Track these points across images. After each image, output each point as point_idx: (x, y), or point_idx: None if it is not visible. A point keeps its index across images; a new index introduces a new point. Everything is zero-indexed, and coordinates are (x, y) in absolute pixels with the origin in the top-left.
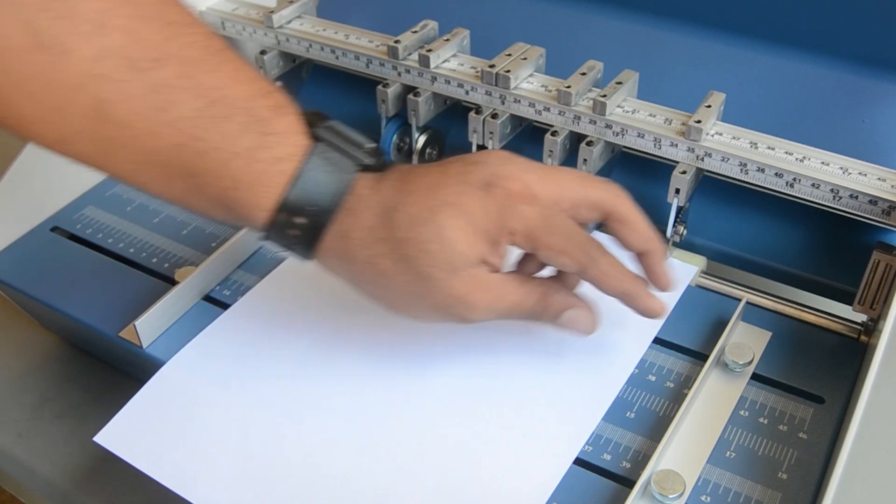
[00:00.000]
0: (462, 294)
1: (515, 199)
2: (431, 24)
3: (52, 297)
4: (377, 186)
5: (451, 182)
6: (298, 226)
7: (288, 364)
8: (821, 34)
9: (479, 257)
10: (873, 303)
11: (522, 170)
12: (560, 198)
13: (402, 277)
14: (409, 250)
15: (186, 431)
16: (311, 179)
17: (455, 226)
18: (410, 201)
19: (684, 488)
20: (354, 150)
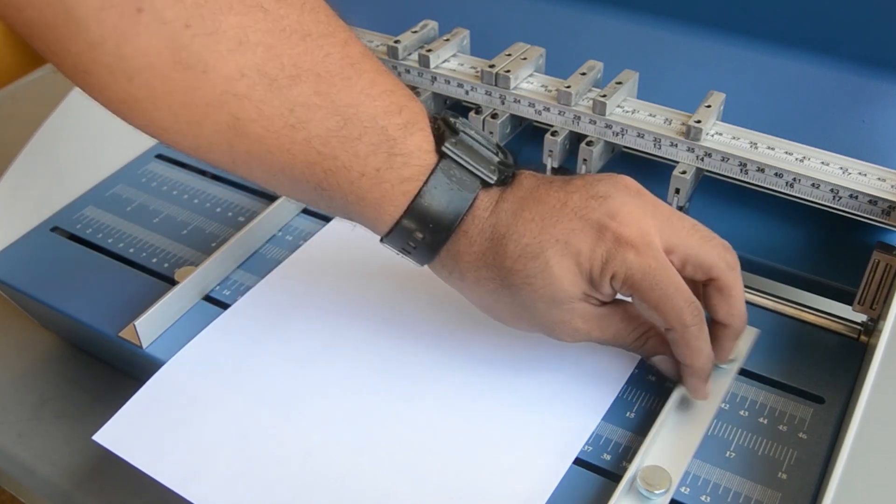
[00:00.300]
0: (563, 321)
1: (625, 245)
2: (431, 24)
3: (52, 297)
4: (495, 208)
5: (567, 217)
6: (416, 240)
7: (287, 364)
8: (821, 34)
9: (580, 295)
10: (873, 303)
11: (643, 214)
12: (674, 249)
13: (507, 301)
14: (514, 279)
15: (186, 431)
16: (432, 198)
17: (561, 264)
18: (523, 230)
19: (670, 484)
20: (480, 167)
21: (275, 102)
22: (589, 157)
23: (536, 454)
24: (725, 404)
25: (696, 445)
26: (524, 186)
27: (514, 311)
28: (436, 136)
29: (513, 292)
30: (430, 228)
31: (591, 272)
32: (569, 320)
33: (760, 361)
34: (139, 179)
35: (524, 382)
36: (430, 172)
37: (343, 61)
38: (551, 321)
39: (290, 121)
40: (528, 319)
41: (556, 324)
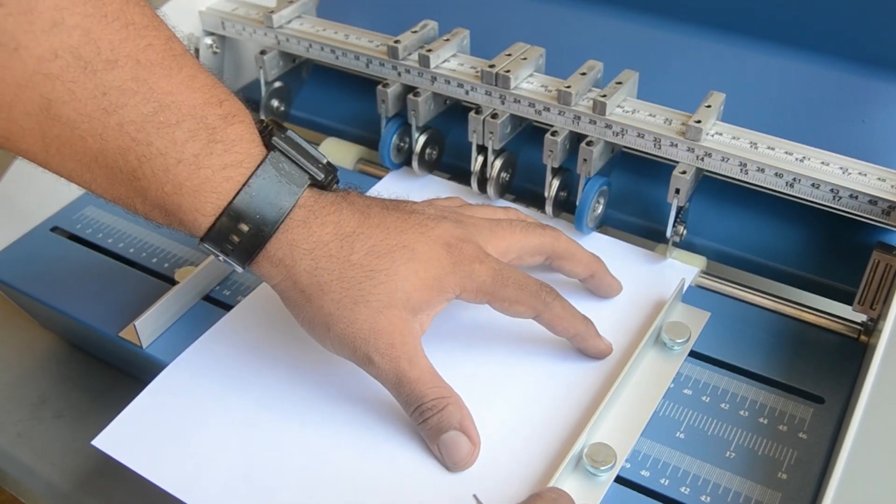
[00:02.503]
0: (382, 331)
1: (470, 259)
2: (431, 24)
3: (52, 297)
4: (333, 208)
5: (412, 231)
6: (241, 233)
7: (288, 368)
8: (821, 34)
9: (418, 304)
10: (873, 303)
11: (474, 232)
12: (507, 250)
13: (335, 295)
14: (355, 273)
15: (186, 435)
16: (260, 187)
17: (410, 267)
18: (372, 233)
19: (615, 461)
20: (309, 163)
21: (88, 85)
22: (589, 157)
23: (533, 455)
24: (726, 404)
25: (643, 423)
26: (356, 199)
27: (335, 312)
28: (262, 131)
29: (348, 286)
30: (258, 219)
31: (440, 280)
32: (389, 332)
33: (761, 361)
34: None
35: (520, 383)
36: (259, 163)
37: (165, 53)
38: (370, 329)
39: (102, 104)
40: (347, 324)
41: (373, 335)
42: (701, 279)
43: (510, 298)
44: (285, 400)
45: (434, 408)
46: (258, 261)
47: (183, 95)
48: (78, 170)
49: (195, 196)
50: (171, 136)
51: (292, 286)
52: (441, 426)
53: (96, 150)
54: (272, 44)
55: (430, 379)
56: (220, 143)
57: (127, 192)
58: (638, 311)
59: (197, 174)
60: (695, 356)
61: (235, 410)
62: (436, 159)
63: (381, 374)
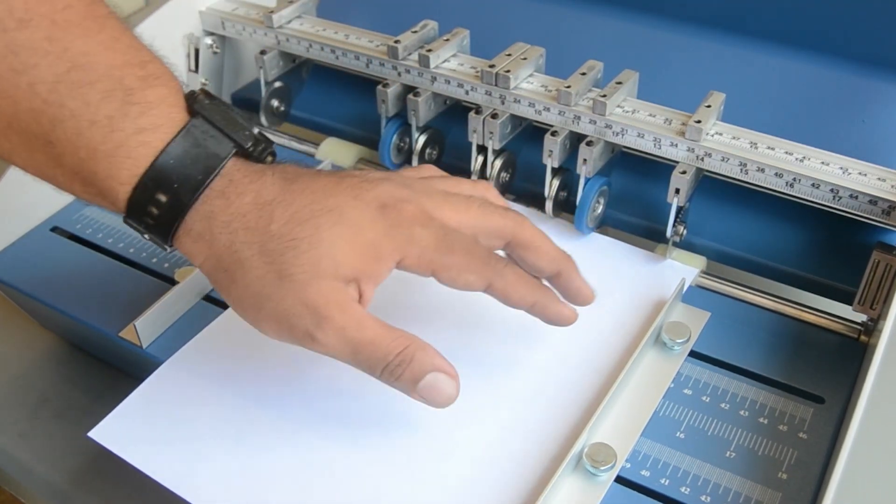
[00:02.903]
0: (316, 304)
1: (410, 221)
2: (431, 24)
3: (52, 297)
4: (255, 177)
5: (343, 193)
6: (159, 203)
7: (285, 363)
8: (821, 34)
9: (351, 273)
10: (873, 303)
11: (421, 194)
12: (459, 227)
13: (258, 272)
14: (276, 244)
15: (183, 429)
16: (179, 154)
17: (336, 232)
18: (293, 199)
19: (615, 461)
20: (234, 131)
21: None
22: (589, 157)
23: (533, 455)
24: (726, 404)
25: (643, 423)
26: (286, 168)
27: (261, 290)
28: (188, 99)
29: (271, 259)
30: (175, 188)
31: (375, 246)
32: (323, 305)
33: (761, 360)
34: None
35: (518, 385)
36: (180, 129)
37: (86, 15)
38: (302, 304)
39: (13, 63)
40: (275, 302)
41: (307, 309)
42: (701, 279)
43: (457, 266)
44: (282, 395)
45: (403, 361)
46: (179, 236)
47: (100, 56)
48: None
49: (109, 161)
50: (85, 96)
51: (216, 265)
52: (416, 375)
53: (10, 114)
54: (272, 44)
55: (386, 334)
56: (137, 104)
57: (45, 161)
58: (638, 312)
59: (110, 137)
60: (695, 356)
61: (232, 405)
62: (436, 159)
63: (328, 348)
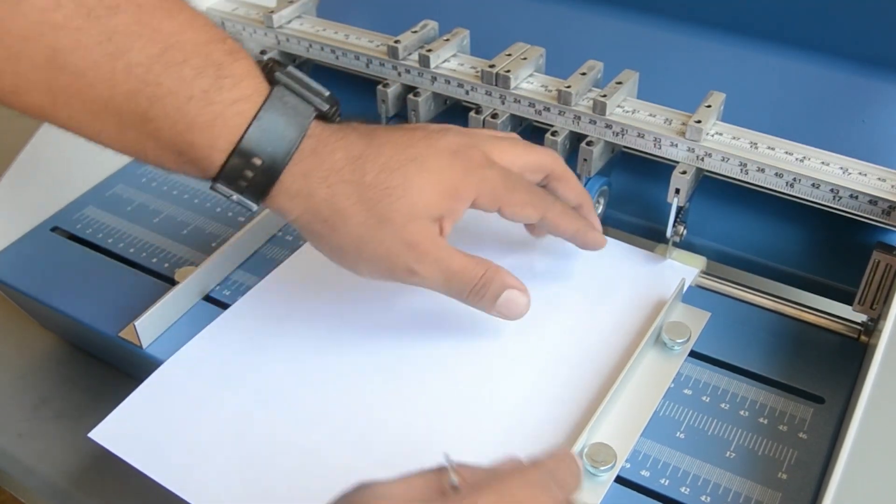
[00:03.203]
0: (414, 241)
1: (479, 164)
2: (431, 24)
3: (52, 297)
4: (340, 135)
5: (420, 144)
6: (254, 167)
7: (285, 364)
8: (821, 34)
9: (438, 211)
10: (873, 303)
11: (479, 140)
12: (511, 163)
13: (359, 218)
14: (372, 193)
15: (182, 430)
16: (270, 121)
17: (423, 178)
18: (380, 152)
19: (615, 461)
20: (313, 96)
21: (93, 32)
22: (589, 157)
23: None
24: (726, 404)
25: (643, 423)
26: (360, 127)
27: (362, 234)
28: (264, 68)
29: (369, 206)
30: (269, 151)
31: (455, 187)
32: (420, 241)
33: (761, 361)
34: (139, 179)
35: (524, 375)
36: (266, 97)
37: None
38: (403, 242)
39: (108, 49)
40: (376, 245)
41: (407, 246)
42: (701, 279)
43: (521, 201)
44: (281, 395)
45: (486, 282)
46: (273, 195)
47: (187, 34)
48: (87, 120)
49: (208, 132)
50: (180, 73)
51: (313, 217)
52: (496, 292)
53: (106, 97)
54: (272, 44)
55: (469, 263)
56: (229, 77)
57: (137, 137)
58: (638, 312)
59: (209, 109)
60: (695, 356)
61: (232, 405)
62: None
63: (426, 279)
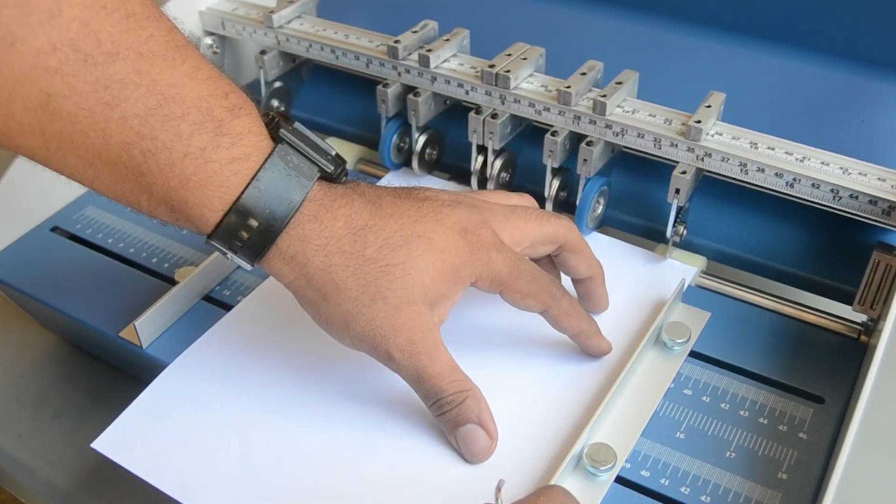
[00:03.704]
0: (402, 328)
1: (487, 246)
2: (431, 24)
3: (52, 297)
4: (343, 200)
5: (427, 219)
6: (250, 228)
7: (288, 369)
8: (821, 34)
9: (436, 295)
10: (873, 303)
11: (490, 217)
12: (521, 238)
13: (352, 293)
14: (371, 268)
15: (185, 438)
16: (269, 182)
17: (427, 259)
18: (385, 225)
19: (615, 461)
20: (318, 156)
21: (89, 78)
22: (589, 157)
23: (533, 455)
24: (726, 404)
25: (643, 423)
26: (367, 190)
27: (352, 309)
28: (269, 124)
29: (365, 282)
30: (267, 214)
31: (457, 269)
32: (409, 329)
33: (761, 361)
34: None
35: (521, 385)
36: (267, 156)
37: (167, 44)
38: (391, 326)
39: (104, 98)
40: (366, 321)
41: (393, 331)
42: (701, 279)
43: (523, 291)
44: (285, 401)
45: (453, 402)
46: (269, 258)
47: (187, 87)
48: (80, 166)
49: (202, 191)
50: (177, 129)
51: (306, 284)
52: (459, 419)
53: (99, 146)
54: (272, 44)
55: (450, 373)
56: (228, 135)
57: (131, 189)
58: (638, 311)
59: (204, 168)
60: (695, 356)
61: (235, 412)
62: (436, 159)
63: (401, 369)
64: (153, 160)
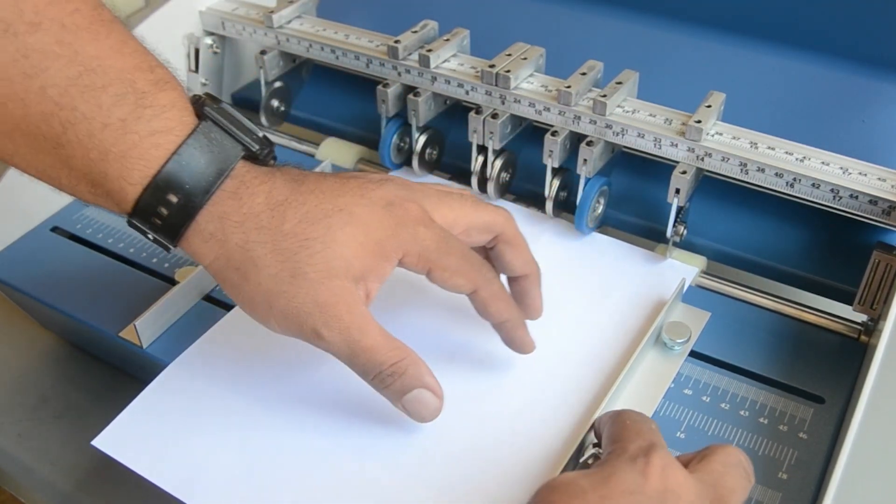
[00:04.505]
0: (327, 302)
1: (414, 220)
2: (431, 24)
3: (52, 297)
4: (265, 178)
5: (350, 193)
6: (169, 204)
7: (289, 369)
8: (821, 34)
9: (360, 271)
10: (873, 303)
11: (421, 195)
12: (455, 222)
13: (272, 270)
14: (289, 243)
15: (186, 435)
16: (191, 156)
17: (347, 232)
18: (304, 200)
19: None
20: (243, 134)
21: (9, 48)
22: (589, 157)
23: (534, 455)
24: (726, 404)
25: None
26: (292, 171)
27: (273, 287)
28: (195, 103)
29: (284, 258)
30: (187, 189)
31: (382, 244)
32: (333, 304)
33: (761, 361)
34: None
35: (522, 389)
36: (191, 131)
37: (93, 18)
38: (313, 303)
39: (24, 67)
40: (286, 300)
41: (317, 308)
42: (701, 279)
43: (451, 268)
44: (285, 400)
45: (395, 373)
46: (188, 237)
47: (111, 59)
48: (1, 140)
49: (122, 163)
50: (97, 99)
51: (226, 264)
52: (405, 388)
53: (18, 117)
54: (272, 44)
55: (385, 343)
56: (150, 108)
57: (52, 163)
58: (638, 311)
59: (124, 139)
60: (695, 356)
61: (235, 411)
62: (436, 159)
63: (331, 346)
64: (72, 131)
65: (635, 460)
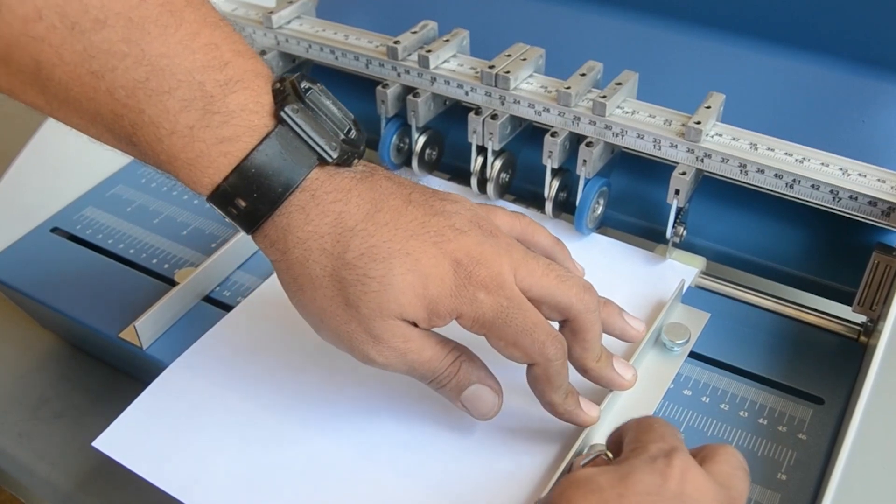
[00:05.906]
0: (380, 337)
1: (476, 284)
2: (431, 24)
3: (52, 297)
4: (340, 194)
5: (425, 237)
6: (238, 206)
7: (289, 369)
8: (821, 34)
9: (412, 318)
10: (873, 303)
11: (497, 254)
12: (528, 289)
13: (328, 292)
14: (348, 273)
15: (186, 436)
16: (261, 164)
17: (408, 280)
18: (374, 232)
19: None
20: (321, 139)
21: (77, 47)
22: (588, 158)
23: (533, 455)
24: (725, 405)
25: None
26: (380, 188)
27: (328, 307)
28: (277, 98)
29: (341, 286)
30: (254, 198)
31: (435, 302)
32: (386, 339)
33: (760, 361)
34: (139, 180)
35: (518, 385)
36: (262, 139)
37: (162, 8)
38: (366, 333)
39: (91, 67)
40: (340, 322)
41: (369, 338)
42: (701, 280)
43: (507, 339)
44: (286, 401)
45: (450, 374)
46: (256, 235)
47: (179, 58)
48: (83, 125)
49: (190, 170)
50: (164, 104)
51: (286, 271)
52: (461, 386)
53: (92, 112)
54: (272, 44)
55: (440, 351)
56: (218, 113)
57: (131, 151)
58: (638, 312)
59: (191, 147)
60: (695, 357)
61: (236, 412)
62: (436, 160)
63: (387, 368)
64: (141, 133)
65: (655, 461)
